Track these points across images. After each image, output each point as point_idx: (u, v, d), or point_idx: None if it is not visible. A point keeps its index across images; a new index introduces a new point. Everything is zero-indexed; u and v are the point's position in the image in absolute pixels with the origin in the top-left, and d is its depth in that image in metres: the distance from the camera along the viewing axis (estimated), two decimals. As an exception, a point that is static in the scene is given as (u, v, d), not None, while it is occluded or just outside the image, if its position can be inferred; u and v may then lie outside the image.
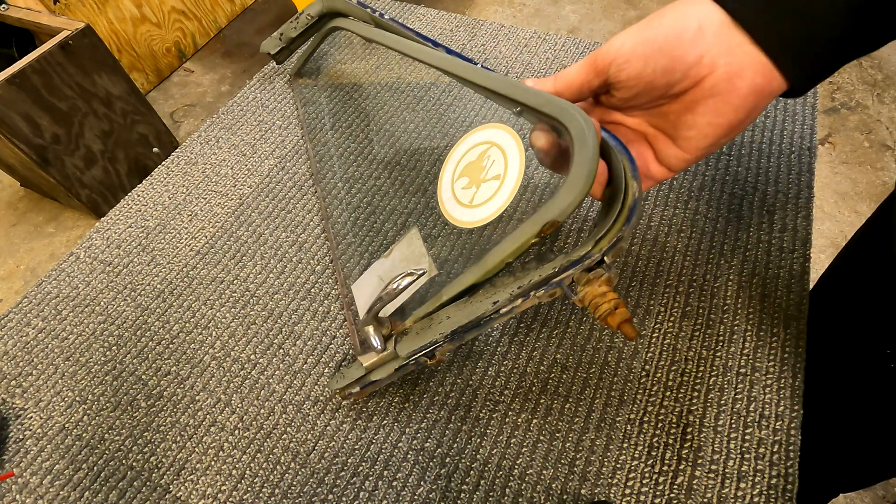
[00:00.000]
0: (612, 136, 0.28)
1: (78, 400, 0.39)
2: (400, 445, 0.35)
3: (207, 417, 0.37)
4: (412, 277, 0.30)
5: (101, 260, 0.46)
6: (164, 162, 0.53)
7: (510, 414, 0.35)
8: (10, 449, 0.37)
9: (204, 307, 0.42)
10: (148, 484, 0.35)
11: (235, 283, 0.44)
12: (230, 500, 0.34)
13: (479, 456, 0.34)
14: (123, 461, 0.36)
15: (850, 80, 1.58)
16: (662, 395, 0.35)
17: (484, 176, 0.28)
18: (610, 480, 0.33)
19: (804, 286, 0.38)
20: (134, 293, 0.44)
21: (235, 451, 0.36)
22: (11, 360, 0.41)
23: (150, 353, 0.40)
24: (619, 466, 0.33)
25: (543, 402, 0.36)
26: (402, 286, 0.30)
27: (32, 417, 0.38)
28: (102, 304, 0.44)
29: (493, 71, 0.32)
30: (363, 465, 0.34)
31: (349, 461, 0.35)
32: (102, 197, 1.36)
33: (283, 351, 0.40)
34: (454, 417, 0.36)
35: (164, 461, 0.35)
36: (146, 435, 0.37)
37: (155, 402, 0.38)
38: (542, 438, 0.34)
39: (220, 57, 1.98)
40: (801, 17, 0.23)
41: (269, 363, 0.39)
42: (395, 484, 0.33)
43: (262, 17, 2.12)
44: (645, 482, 0.32)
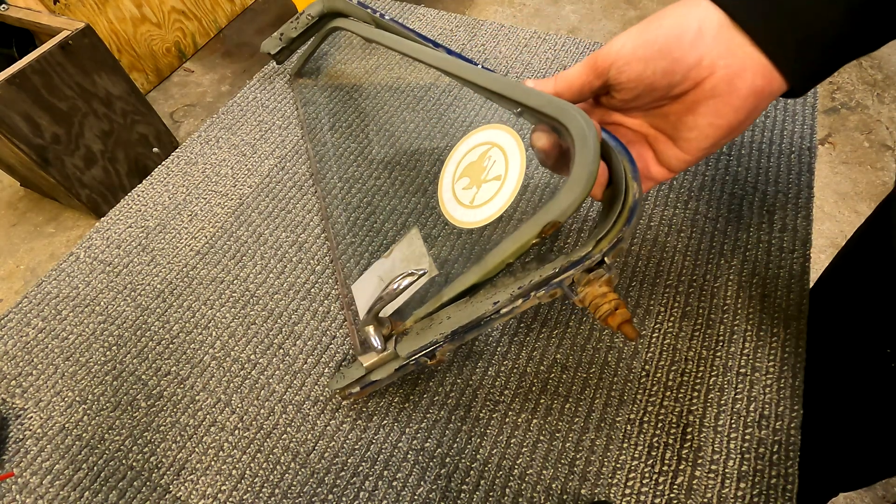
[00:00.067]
0: (612, 137, 0.28)
1: (78, 400, 0.39)
2: (400, 445, 0.35)
3: (207, 417, 0.37)
4: (413, 278, 0.30)
5: (101, 260, 0.46)
6: (164, 162, 0.53)
7: (510, 414, 0.35)
8: (10, 449, 0.37)
9: (204, 307, 0.42)
10: (148, 484, 0.35)
11: (235, 283, 0.44)
12: (230, 500, 0.34)
13: (479, 456, 0.34)
14: (123, 461, 0.36)
15: (850, 80, 1.58)
16: (662, 395, 0.35)
17: (485, 176, 0.28)
18: (610, 480, 0.33)
19: (804, 286, 0.38)
20: (134, 293, 0.44)
21: (235, 451, 0.36)
22: (11, 360, 0.41)
23: (150, 353, 0.40)
24: (619, 466, 0.33)
25: (543, 402, 0.36)
26: (402, 286, 0.30)
27: (32, 417, 0.38)
28: (102, 304, 0.44)
29: (493, 72, 0.32)
30: (363, 465, 0.34)
31: (349, 461, 0.35)
32: (102, 197, 1.36)
33: (283, 351, 0.40)
34: (454, 417, 0.36)
35: (164, 461, 0.35)
36: (146, 435, 0.37)
37: (155, 402, 0.38)
38: (542, 438, 0.34)
39: (220, 57, 1.98)
40: (801, 17, 0.23)
41: (269, 363, 0.39)
42: (395, 484, 0.33)
43: (262, 17, 2.12)
44: (645, 482, 0.32)
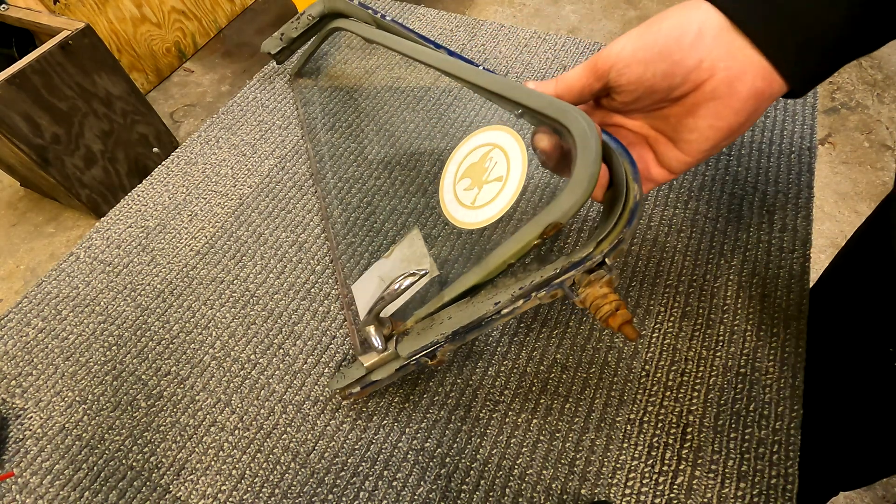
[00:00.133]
0: (613, 138, 0.28)
1: (78, 400, 0.39)
2: (400, 445, 0.35)
3: (207, 417, 0.37)
4: (414, 278, 0.30)
5: (101, 260, 0.46)
6: (164, 162, 0.53)
7: (510, 414, 0.35)
8: (10, 449, 0.37)
9: (204, 307, 0.42)
10: (148, 484, 0.35)
11: (235, 283, 0.44)
12: (230, 500, 0.34)
13: (479, 456, 0.34)
14: (123, 461, 0.36)
15: (850, 80, 1.58)
16: (662, 395, 0.35)
17: (486, 177, 0.29)
18: (610, 480, 0.33)
19: (804, 286, 0.38)
20: (134, 293, 0.44)
21: (235, 451, 0.36)
22: (11, 360, 0.41)
23: (150, 353, 0.40)
24: (619, 466, 0.33)
25: (543, 402, 0.36)
26: (404, 286, 0.30)
27: (32, 417, 0.38)
28: (102, 304, 0.44)
29: (494, 73, 0.32)
30: (363, 465, 0.34)
31: (349, 461, 0.35)
32: (102, 197, 1.36)
33: (283, 351, 0.40)
34: (454, 417, 0.36)
35: (164, 461, 0.35)
36: (146, 435, 0.37)
37: (155, 402, 0.38)
38: (542, 438, 0.34)
39: (220, 57, 1.98)
40: (801, 19, 0.23)
41: (269, 363, 0.39)
42: (395, 484, 0.33)
43: (262, 17, 2.12)
44: (645, 482, 0.32)
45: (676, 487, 0.32)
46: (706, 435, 0.33)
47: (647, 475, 0.32)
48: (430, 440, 0.35)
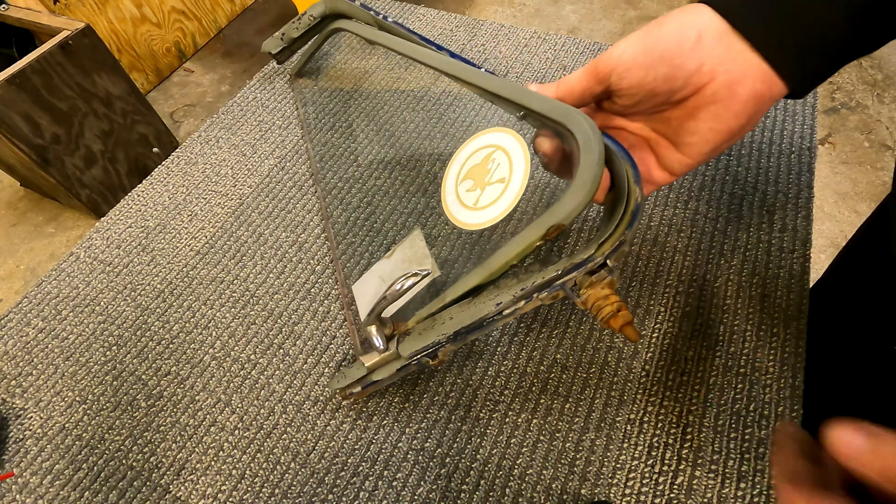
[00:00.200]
0: (614, 141, 0.28)
1: (78, 400, 0.39)
2: (400, 445, 0.35)
3: (207, 417, 0.37)
4: (416, 278, 0.30)
5: (101, 260, 0.46)
6: (164, 162, 0.53)
7: (510, 414, 0.35)
8: (10, 449, 0.37)
9: (204, 307, 0.42)
10: (148, 484, 0.35)
11: (235, 283, 0.44)
12: (230, 500, 0.34)
13: (479, 456, 0.34)
14: (123, 461, 0.36)
15: (850, 80, 1.58)
16: (662, 395, 0.35)
17: (489, 179, 0.29)
18: (610, 480, 0.33)
19: (804, 286, 0.38)
20: (134, 293, 0.44)
21: (235, 451, 0.36)
22: (11, 360, 0.41)
23: (150, 353, 0.40)
24: (619, 466, 0.33)
25: (543, 402, 0.36)
26: (405, 286, 0.30)
27: (32, 417, 0.38)
28: (102, 304, 0.44)
29: (496, 75, 0.32)
30: (363, 464, 0.34)
31: (349, 461, 0.35)
32: (102, 197, 1.36)
33: (283, 351, 0.40)
34: (454, 417, 0.36)
35: (164, 461, 0.35)
36: (146, 435, 0.37)
37: (155, 402, 0.38)
38: (542, 438, 0.34)
39: (220, 57, 1.98)
40: (801, 20, 0.23)
41: (269, 363, 0.39)
42: (395, 484, 0.33)
43: (262, 17, 2.12)
44: (645, 482, 0.32)
45: (676, 487, 0.32)
46: (706, 435, 0.33)
47: (647, 475, 0.32)
48: (430, 440, 0.35)
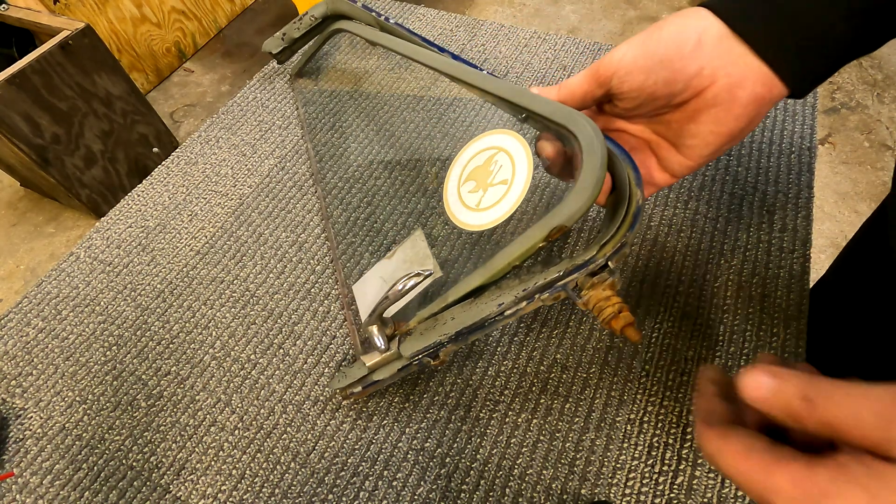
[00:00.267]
0: (615, 144, 0.28)
1: (78, 400, 0.39)
2: (400, 445, 0.35)
3: (207, 417, 0.37)
4: (419, 278, 0.30)
5: (101, 260, 0.46)
6: (164, 162, 0.53)
7: (510, 414, 0.35)
8: (10, 449, 0.37)
9: (204, 307, 0.42)
10: (148, 484, 0.35)
11: (235, 283, 0.44)
12: (230, 500, 0.34)
13: (479, 456, 0.34)
14: (123, 461, 0.36)
15: (850, 80, 1.58)
16: (662, 395, 0.35)
17: (491, 180, 0.29)
18: (610, 480, 0.33)
19: (804, 286, 0.38)
20: (134, 293, 0.44)
21: (235, 451, 0.36)
22: (11, 360, 0.41)
23: (150, 353, 0.40)
24: (619, 466, 0.33)
25: (543, 402, 0.36)
26: (408, 287, 0.30)
27: (32, 417, 0.38)
28: (102, 304, 0.44)
29: (499, 77, 0.32)
30: (363, 464, 0.34)
31: (349, 461, 0.35)
32: (102, 197, 1.36)
33: (283, 351, 0.40)
34: (454, 417, 0.36)
35: (164, 461, 0.35)
36: (146, 435, 0.37)
37: (155, 402, 0.38)
38: (542, 438, 0.34)
39: (220, 57, 1.98)
40: (801, 22, 0.23)
41: (269, 363, 0.39)
42: (395, 484, 0.33)
43: (262, 17, 2.12)
44: (645, 482, 0.32)
45: (676, 487, 0.32)
46: (706, 435, 0.33)
47: (647, 475, 0.32)
48: (430, 440, 0.35)
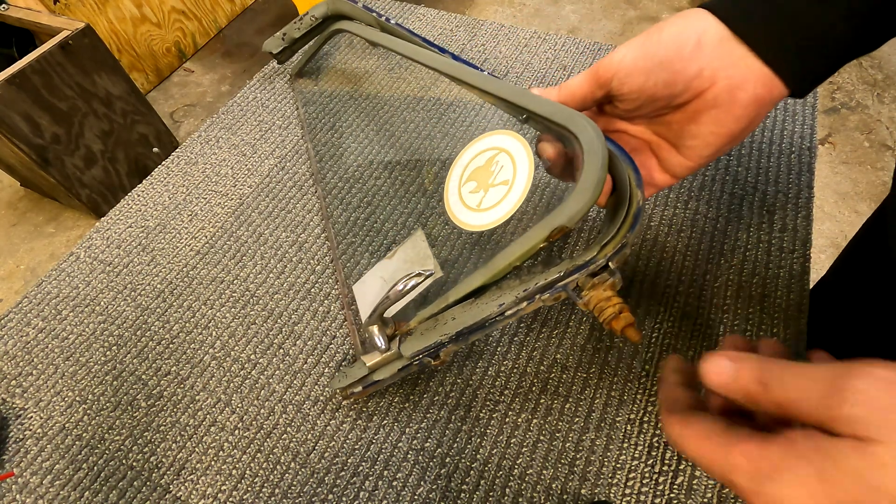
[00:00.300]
0: (616, 145, 0.28)
1: (78, 400, 0.39)
2: (400, 445, 0.35)
3: (207, 417, 0.37)
4: (420, 279, 0.30)
5: (101, 260, 0.46)
6: (164, 162, 0.53)
7: (510, 414, 0.35)
8: (10, 449, 0.37)
9: (204, 307, 0.42)
10: (148, 484, 0.35)
11: (235, 283, 0.44)
12: (230, 500, 0.34)
13: (479, 456, 0.34)
14: (123, 461, 0.36)
15: (850, 80, 1.58)
16: (662, 395, 0.35)
17: (492, 181, 0.29)
18: (610, 480, 0.33)
19: (804, 286, 0.38)
20: (134, 293, 0.44)
21: (235, 451, 0.36)
22: (11, 360, 0.41)
23: (150, 353, 0.40)
24: (619, 466, 0.33)
25: (543, 402, 0.36)
26: (409, 287, 0.30)
27: (32, 417, 0.38)
28: (102, 304, 0.44)
29: (499, 78, 0.32)
30: (363, 464, 0.34)
31: (349, 461, 0.35)
32: (102, 197, 1.36)
33: (283, 351, 0.40)
34: (454, 417, 0.36)
35: (164, 461, 0.35)
36: (146, 435, 0.37)
37: (155, 402, 0.38)
38: (542, 438, 0.34)
39: (220, 57, 1.98)
40: (801, 22, 0.23)
41: (269, 363, 0.39)
42: (395, 484, 0.33)
43: (262, 17, 2.12)
44: (645, 482, 0.32)
45: (676, 487, 0.32)
46: (706, 435, 0.33)
47: (647, 475, 0.32)
48: (430, 440, 0.35)
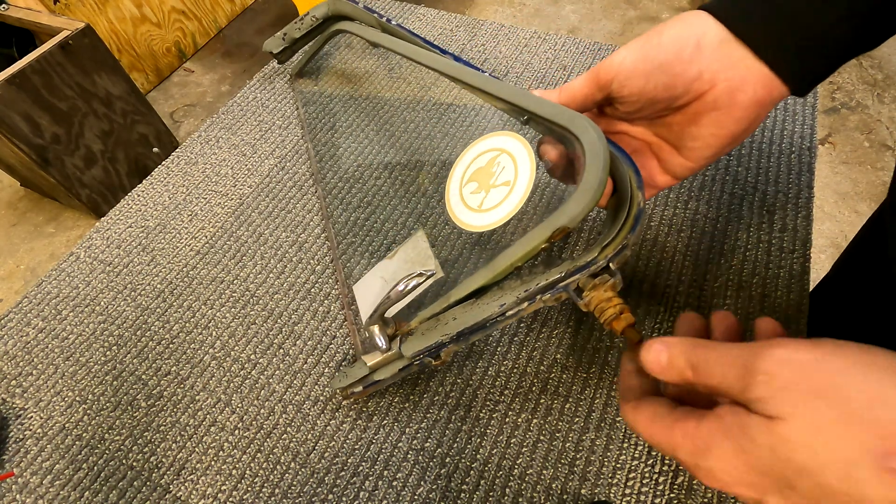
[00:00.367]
0: (617, 146, 0.28)
1: (78, 400, 0.39)
2: (400, 445, 0.35)
3: (207, 417, 0.37)
4: (421, 279, 0.30)
5: (101, 260, 0.46)
6: (164, 162, 0.53)
7: (510, 414, 0.35)
8: (10, 449, 0.37)
9: (204, 307, 0.42)
10: (148, 484, 0.35)
11: (235, 283, 0.44)
12: (230, 500, 0.34)
13: (479, 456, 0.34)
14: (123, 461, 0.36)
15: (850, 80, 1.58)
16: (662, 395, 0.35)
17: (493, 182, 0.29)
18: (610, 480, 0.33)
19: (804, 286, 0.38)
20: (134, 293, 0.44)
21: (235, 451, 0.36)
22: (11, 360, 0.41)
23: (150, 353, 0.40)
24: (619, 466, 0.33)
25: (543, 402, 0.36)
26: (410, 287, 0.30)
27: (32, 417, 0.38)
28: (102, 304, 0.44)
29: (499, 79, 0.32)
30: (363, 464, 0.34)
31: (349, 461, 0.35)
32: (102, 197, 1.36)
33: (283, 351, 0.40)
34: (454, 417, 0.36)
35: (164, 461, 0.35)
36: (146, 435, 0.37)
37: (155, 402, 0.38)
38: (542, 438, 0.34)
39: (220, 57, 1.98)
40: (801, 21, 0.23)
41: (269, 363, 0.39)
42: (395, 484, 0.33)
43: (262, 17, 2.12)
44: (645, 482, 0.32)
45: (676, 487, 0.32)
46: (706, 435, 0.33)
47: (647, 475, 0.32)
48: (430, 440, 0.35)
